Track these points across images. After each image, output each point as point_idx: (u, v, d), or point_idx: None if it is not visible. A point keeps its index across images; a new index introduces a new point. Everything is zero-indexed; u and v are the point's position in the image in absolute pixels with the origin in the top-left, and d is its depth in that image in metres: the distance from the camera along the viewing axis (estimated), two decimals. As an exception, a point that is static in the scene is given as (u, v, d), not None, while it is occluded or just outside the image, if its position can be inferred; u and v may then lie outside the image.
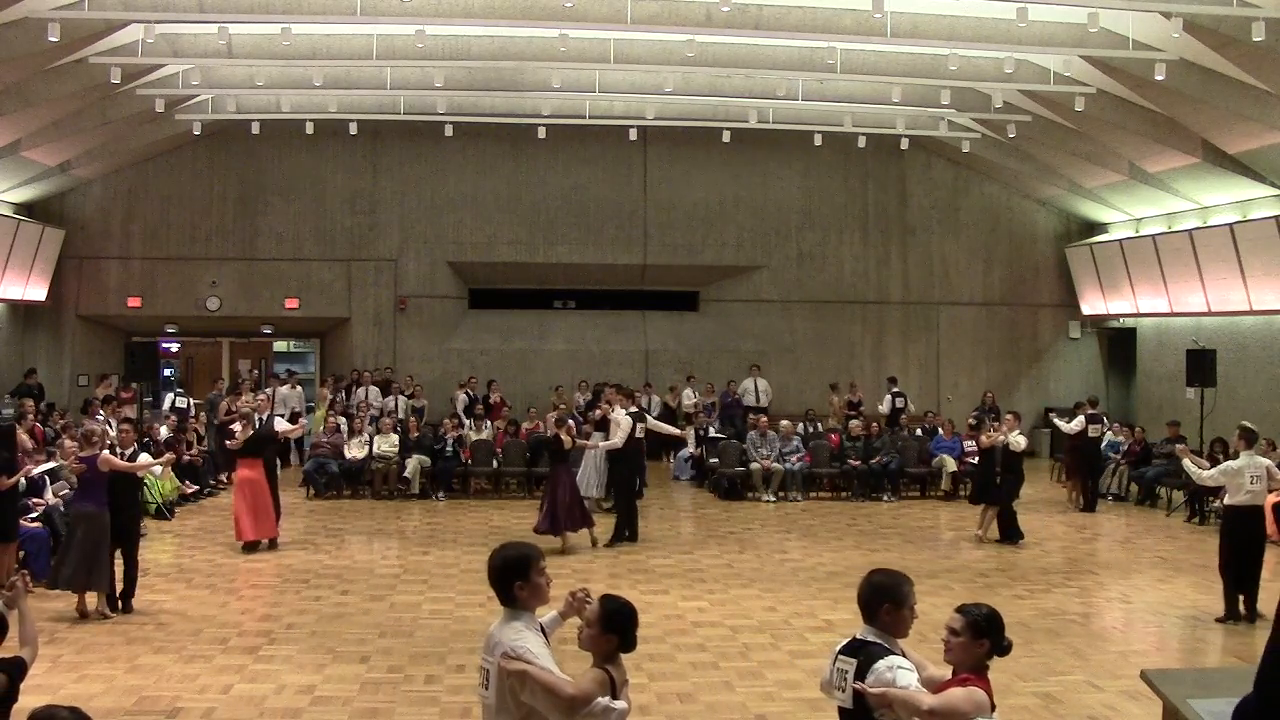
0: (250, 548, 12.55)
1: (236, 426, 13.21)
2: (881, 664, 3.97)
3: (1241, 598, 9.96)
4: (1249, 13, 12.13)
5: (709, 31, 14.61)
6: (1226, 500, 10.34)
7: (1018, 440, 13.82)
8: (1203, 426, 16.08)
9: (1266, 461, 10.17)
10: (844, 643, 4.18)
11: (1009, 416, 14.41)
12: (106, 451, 9.89)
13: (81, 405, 17.88)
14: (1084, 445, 16.65)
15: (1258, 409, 17.83)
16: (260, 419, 13.17)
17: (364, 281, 22.13)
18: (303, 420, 15.06)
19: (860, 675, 3.96)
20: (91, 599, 9.74)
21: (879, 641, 4.08)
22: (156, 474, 12.71)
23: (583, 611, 4.28)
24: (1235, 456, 10.29)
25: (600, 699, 3.94)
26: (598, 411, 15.48)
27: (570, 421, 14.11)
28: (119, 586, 9.92)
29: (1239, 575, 9.97)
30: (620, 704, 4.01)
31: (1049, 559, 12.82)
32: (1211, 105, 14.93)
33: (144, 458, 10.52)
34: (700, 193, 22.59)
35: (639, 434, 14.17)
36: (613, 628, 4.11)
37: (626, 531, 13.50)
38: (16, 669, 4.24)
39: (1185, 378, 17.39)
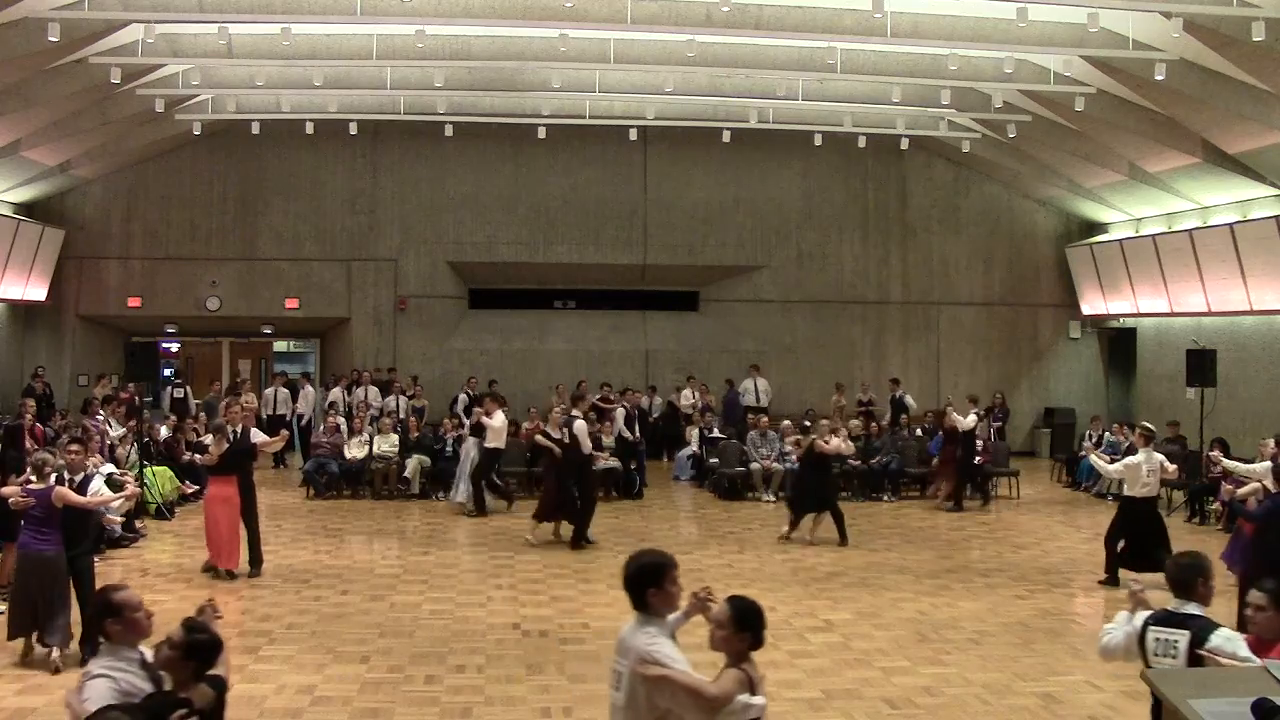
0: (216, 571, 11.35)
1: (208, 438, 11.94)
2: (1220, 634, 4.63)
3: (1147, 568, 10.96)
4: (1249, 13, 12.13)
5: (709, 31, 14.61)
6: (1125, 491, 11.62)
7: (832, 444, 13.85)
8: (1203, 426, 16.07)
9: (1160, 457, 11.50)
10: (1149, 614, 4.87)
11: (823, 422, 14.49)
12: (61, 486, 8.56)
13: (81, 405, 17.88)
14: (971, 443, 16.55)
15: (1258, 409, 17.85)
16: (235, 432, 11.58)
17: (364, 281, 22.14)
18: (284, 432, 14.42)
19: (1198, 644, 4.62)
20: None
21: (1202, 614, 4.74)
22: (114, 508, 11.17)
23: (706, 611, 4.39)
24: (1134, 451, 11.63)
25: (740, 696, 4.02)
26: (473, 416, 16.20)
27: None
28: (75, 633, 8.45)
29: (1144, 557, 10.74)
30: (759, 699, 4.09)
31: (1049, 559, 12.82)
32: (1211, 105, 14.92)
33: (96, 485, 9.22)
34: (700, 193, 22.58)
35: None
36: (745, 626, 4.18)
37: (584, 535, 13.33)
38: (221, 685, 4.29)
39: (1185, 378, 17.38)
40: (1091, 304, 22.58)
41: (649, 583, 4.21)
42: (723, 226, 22.70)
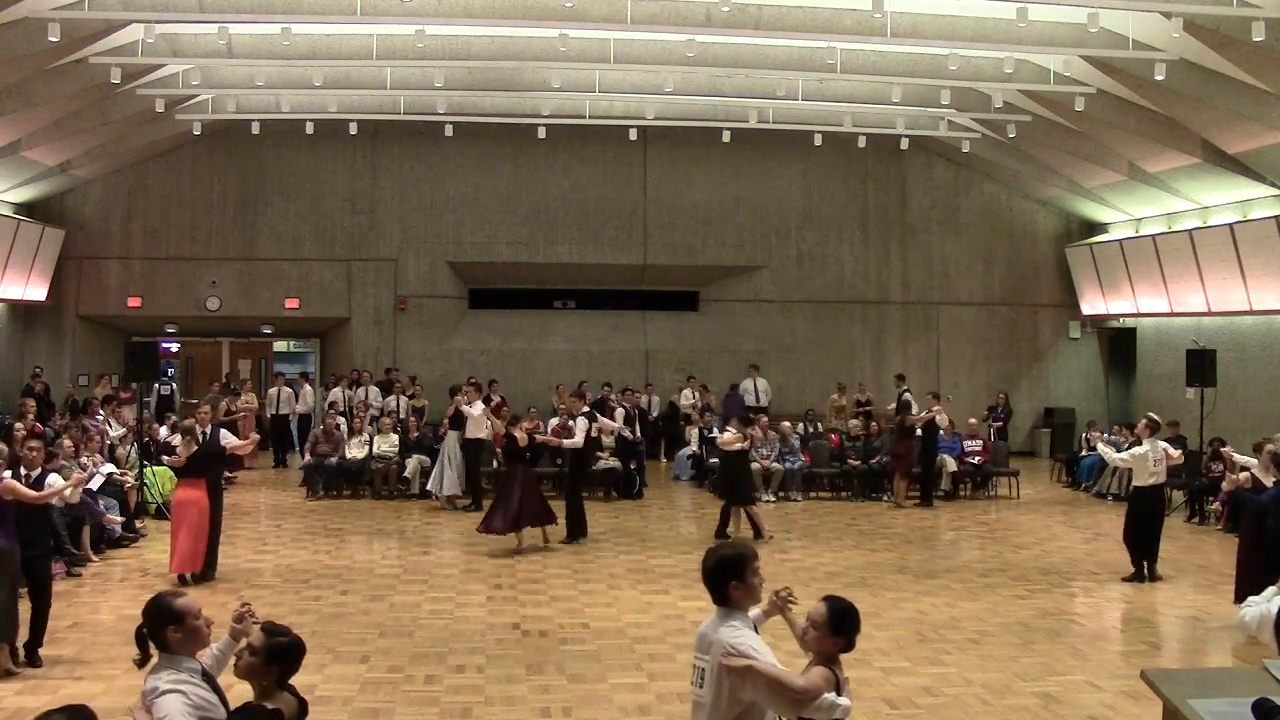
0: (184, 579, 10.98)
1: (176, 440, 11.79)
2: None
3: (1145, 563, 11.60)
4: (1249, 13, 12.14)
5: (709, 31, 14.61)
6: (1134, 482, 11.91)
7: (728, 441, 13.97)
8: (1203, 426, 16.08)
9: (1165, 445, 11.80)
10: None
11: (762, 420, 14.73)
12: (9, 476, 8.16)
13: (81, 405, 17.88)
14: (932, 441, 16.78)
15: (1258, 409, 17.85)
16: (204, 433, 11.34)
17: (364, 281, 22.14)
18: (254, 435, 14.32)
19: None
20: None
21: None
22: (66, 496, 10.39)
23: (786, 612, 4.38)
24: (1139, 443, 11.87)
25: (827, 695, 3.98)
26: (451, 408, 16.23)
27: (529, 422, 14.26)
28: (23, 635, 8.30)
29: (1142, 544, 11.58)
30: (845, 700, 4.04)
31: (1049, 559, 12.82)
32: (1211, 105, 14.93)
33: (54, 479, 8.88)
34: (700, 193, 22.58)
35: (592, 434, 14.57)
36: (839, 630, 4.12)
37: (578, 530, 13.57)
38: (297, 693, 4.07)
39: (1185, 378, 17.38)
40: (1091, 304, 22.58)
41: (731, 576, 4.13)
42: (723, 226, 22.70)
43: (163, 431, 16.71)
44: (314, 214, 22.05)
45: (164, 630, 3.98)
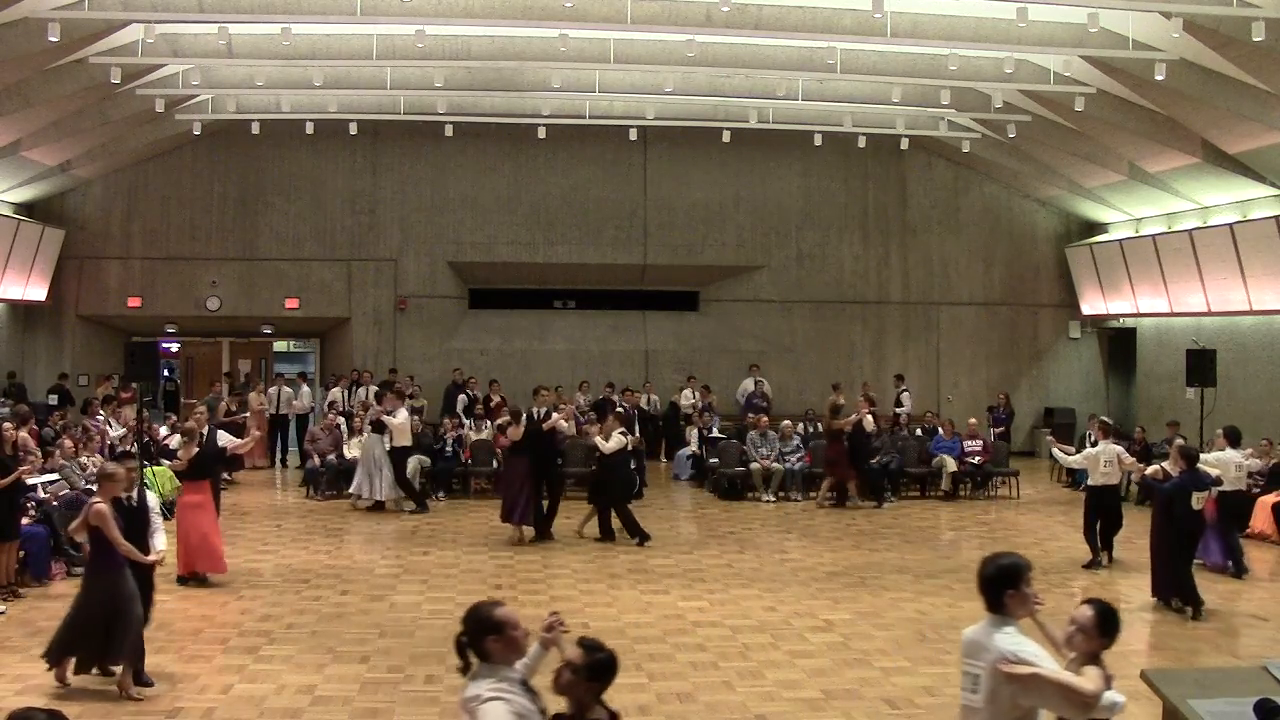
0: (198, 578, 10.95)
1: (175, 441, 11.59)
2: None
3: (1104, 552, 12.42)
4: (1249, 13, 12.14)
5: (709, 31, 14.61)
6: (1089, 481, 12.57)
7: (603, 443, 13.76)
8: (1203, 426, 16.03)
9: (1118, 448, 12.49)
10: None
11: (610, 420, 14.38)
12: (102, 504, 7.71)
13: (81, 405, 17.88)
14: (863, 442, 16.81)
15: (1258, 409, 17.85)
16: (201, 435, 11.31)
17: (364, 281, 22.13)
18: (256, 432, 14.40)
19: None
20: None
21: None
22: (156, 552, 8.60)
23: (1035, 614, 4.55)
24: (1095, 444, 12.73)
25: (1107, 693, 4.19)
26: (372, 413, 16.26)
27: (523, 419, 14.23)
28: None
29: (1102, 535, 12.36)
30: (1120, 697, 4.27)
31: (1049, 559, 12.80)
32: (1211, 105, 14.93)
33: (156, 520, 8.50)
34: (700, 193, 22.58)
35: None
36: (1106, 632, 4.39)
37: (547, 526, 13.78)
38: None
39: (1185, 378, 17.37)
40: (1091, 304, 22.58)
41: (1008, 584, 4.27)
42: (723, 226, 22.70)
43: (163, 431, 16.72)
44: (314, 214, 22.05)
45: (484, 640, 4.06)
